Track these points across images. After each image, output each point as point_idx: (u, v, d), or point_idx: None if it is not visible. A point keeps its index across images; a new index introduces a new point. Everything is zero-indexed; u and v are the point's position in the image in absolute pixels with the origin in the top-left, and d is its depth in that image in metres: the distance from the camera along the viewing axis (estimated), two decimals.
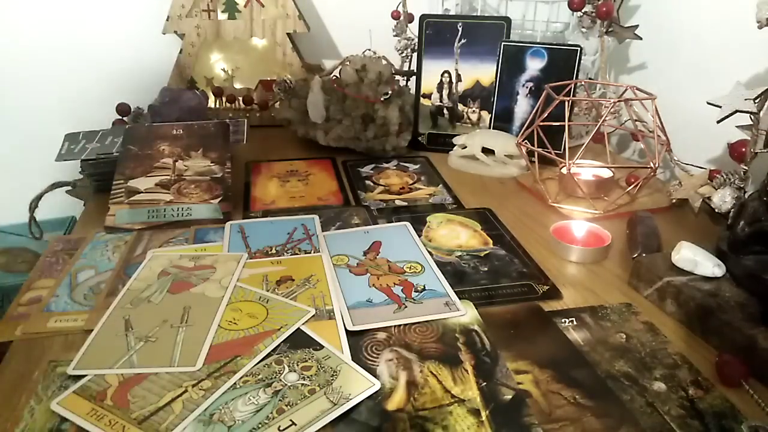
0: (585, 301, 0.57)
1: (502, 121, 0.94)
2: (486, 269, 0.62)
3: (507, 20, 0.92)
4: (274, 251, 0.65)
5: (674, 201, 0.76)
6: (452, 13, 1.09)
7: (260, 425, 0.41)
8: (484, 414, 0.42)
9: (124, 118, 0.97)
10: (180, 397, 0.43)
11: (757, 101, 0.63)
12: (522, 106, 0.92)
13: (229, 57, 1.12)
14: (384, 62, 0.95)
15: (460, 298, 0.56)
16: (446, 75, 0.96)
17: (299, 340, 0.50)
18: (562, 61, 0.86)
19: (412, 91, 1.01)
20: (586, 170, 0.82)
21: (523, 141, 0.81)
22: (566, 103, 0.74)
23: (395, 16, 1.07)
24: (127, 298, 0.56)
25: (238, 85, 1.13)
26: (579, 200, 0.77)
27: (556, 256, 0.65)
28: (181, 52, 1.09)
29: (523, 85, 0.91)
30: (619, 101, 0.77)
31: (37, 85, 1.14)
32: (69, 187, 0.83)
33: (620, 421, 0.42)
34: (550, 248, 0.67)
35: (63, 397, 0.43)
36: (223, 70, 1.12)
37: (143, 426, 0.41)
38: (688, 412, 0.43)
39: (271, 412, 0.42)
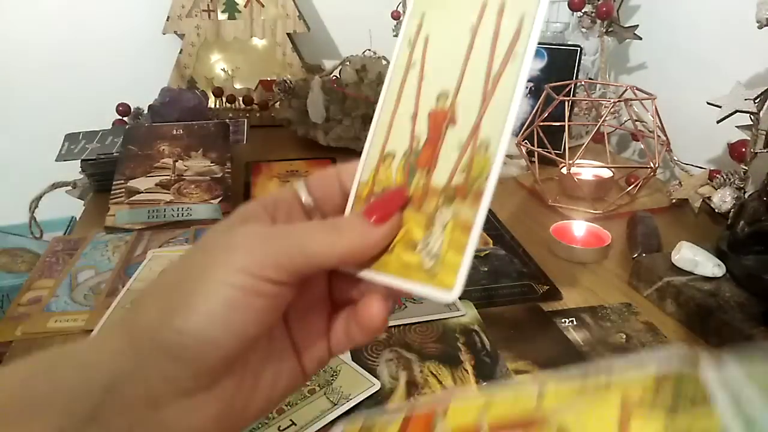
0: (585, 301, 0.57)
1: None
2: (486, 269, 0.62)
3: None
4: None
5: (674, 201, 0.76)
6: None
7: (260, 425, 0.41)
8: None
9: (124, 118, 0.97)
10: None
11: (757, 101, 0.63)
12: (522, 106, 0.92)
13: (229, 57, 1.12)
14: (384, 62, 0.95)
15: (460, 298, 0.56)
16: None
17: None
18: (562, 61, 0.86)
19: None
20: (586, 170, 0.82)
21: (523, 141, 0.81)
22: (566, 103, 0.74)
23: (395, 16, 1.07)
24: (127, 298, 0.56)
25: (238, 85, 1.13)
26: (579, 200, 0.77)
27: (556, 256, 0.65)
28: (181, 52, 1.09)
29: None
30: (619, 101, 0.77)
31: (37, 85, 1.14)
32: (69, 187, 0.83)
33: None
34: (550, 248, 0.67)
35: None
36: (223, 70, 1.12)
37: None
38: None
39: (271, 412, 0.42)
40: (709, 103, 0.67)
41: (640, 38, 0.91)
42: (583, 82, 0.86)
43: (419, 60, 0.35)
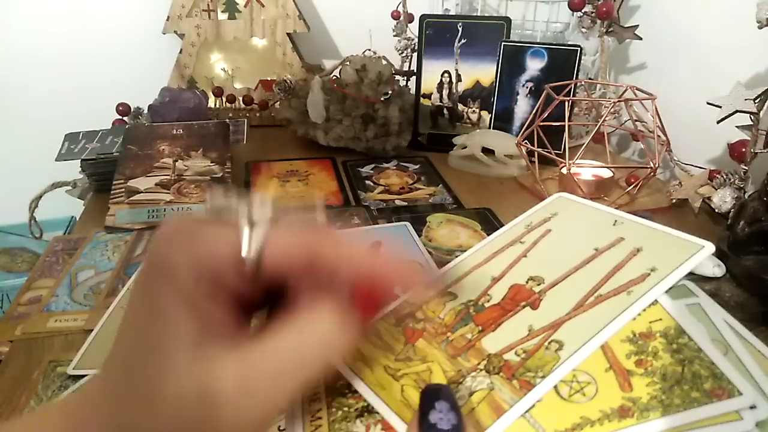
0: None
1: (502, 121, 0.94)
2: None
3: (507, 20, 0.92)
4: None
5: (674, 201, 0.76)
6: (452, 13, 1.09)
7: None
8: None
9: (124, 118, 0.97)
10: None
11: (757, 101, 0.63)
12: (522, 106, 0.92)
13: (229, 57, 1.12)
14: (384, 62, 0.95)
15: None
16: (446, 75, 0.96)
17: None
18: (562, 61, 0.86)
19: (412, 91, 1.01)
20: (586, 170, 0.82)
21: (523, 141, 0.81)
22: (566, 103, 0.74)
23: (395, 16, 1.07)
24: (127, 297, 0.56)
25: (238, 85, 1.13)
26: None
27: None
28: (181, 52, 1.09)
29: (523, 85, 0.91)
30: (619, 101, 0.77)
31: (37, 84, 1.14)
32: (69, 187, 0.83)
33: None
34: None
35: (63, 397, 0.43)
36: (223, 70, 1.12)
37: None
38: None
39: None
40: (709, 103, 0.67)
41: (640, 38, 0.91)
42: (583, 82, 0.86)
43: (530, 242, 0.38)
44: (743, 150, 0.67)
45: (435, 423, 0.24)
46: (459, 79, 0.96)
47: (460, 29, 0.93)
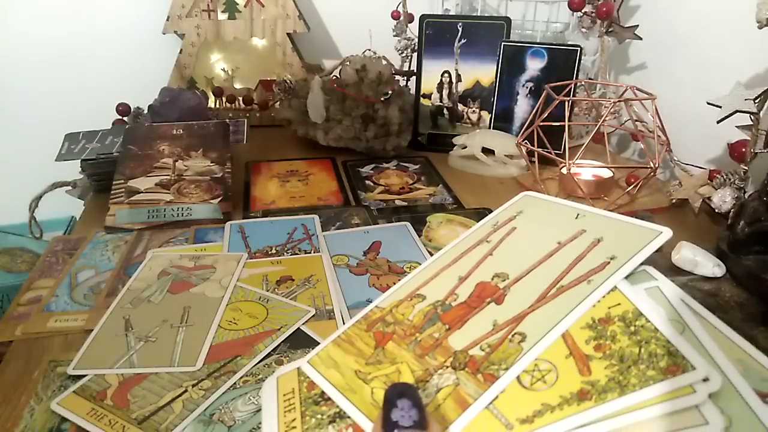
0: None
1: (502, 121, 0.94)
2: None
3: (507, 20, 0.92)
4: (274, 251, 0.65)
5: (674, 201, 0.76)
6: (452, 13, 1.09)
7: (260, 425, 0.41)
8: None
9: (124, 118, 0.97)
10: (180, 397, 0.43)
11: (757, 101, 0.63)
12: (522, 106, 0.92)
13: (229, 57, 1.12)
14: (384, 62, 0.95)
15: None
16: (446, 75, 0.96)
17: (299, 340, 0.50)
18: (562, 61, 0.86)
19: (412, 91, 1.01)
20: (586, 170, 0.82)
21: (523, 141, 0.81)
22: (566, 103, 0.74)
23: (395, 16, 1.07)
24: (127, 298, 0.56)
25: (238, 85, 1.13)
26: (579, 200, 0.77)
27: None
28: (181, 52, 1.09)
29: (523, 85, 0.91)
30: (619, 101, 0.77)
31: (37, 85, 1.14)
32: (69, 187, 0.83)
33: None
34: None
35: (63, 397, 0.43)
36: (223, 70, 1.12)
37: (143, 426, 0.41)
38: None
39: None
40: (709, 103, 0.67)
41: (640, 38, 0.91)
42: (583, 82, 0.86)
43: (496, 240, 0.39)
44: (743, 150, 0.67)
45: (396, 420, 0.24)
46: (459, 79, 0.96)
47: (460, 29, 0.93)
